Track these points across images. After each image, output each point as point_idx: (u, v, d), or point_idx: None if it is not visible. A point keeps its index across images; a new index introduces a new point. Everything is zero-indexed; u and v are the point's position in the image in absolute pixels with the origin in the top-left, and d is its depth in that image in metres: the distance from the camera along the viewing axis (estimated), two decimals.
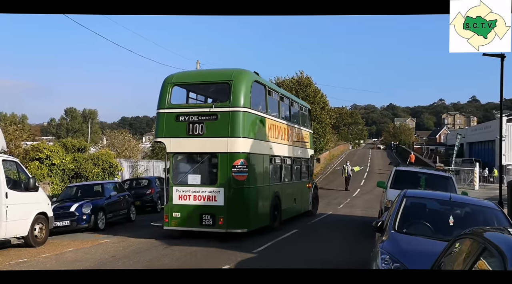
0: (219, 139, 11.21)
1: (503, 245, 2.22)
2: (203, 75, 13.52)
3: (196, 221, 11.32)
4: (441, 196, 7.40)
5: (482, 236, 2.60)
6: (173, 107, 11.76)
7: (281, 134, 13.96)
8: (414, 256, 5.55)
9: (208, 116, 11.42)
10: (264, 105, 12.69)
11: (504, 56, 14.63)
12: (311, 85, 35.55)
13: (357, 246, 10.85)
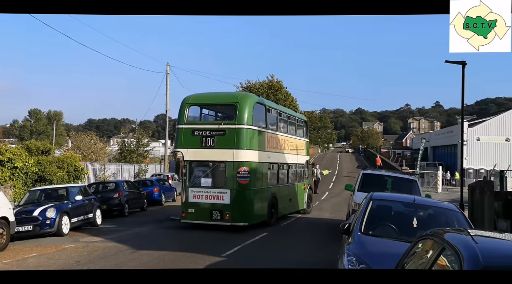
0: (226, 150, 13.61)
1: (460, 245, 2.31)
2: (214, 98, 15.94)
3: (207, 216, 13.64)
4: (406, 199, 7.59)
5: (442, 237, 2.70)
6: (189, 124, 14.35)
7: (279, 144, 16.27)
8: (379, 258, 5.67)
9: (218, 131, 13.88)
10: (264, 121, 15.01)
11: (465, 63, 15.19)
12: (282, 89, 35.80)
13: (325, 247, 10.99)
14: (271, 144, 15.37)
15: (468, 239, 2.46)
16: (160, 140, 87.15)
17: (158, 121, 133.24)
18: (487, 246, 2.53)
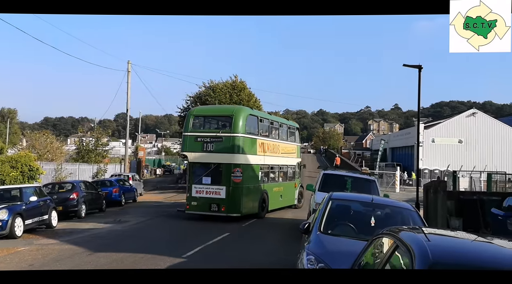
0: (223, 154, 16.22)
1: (412, 243, 2.38)
2: (214, 110, 19.67)
3: (207, 208, 16.25)
4: (364, 199, 7.77)
5: (395, 235, 2.78)
6: (193, 132, 16.91)
7: (270, 148, 18.78)
8: (338, 256, 5.77)
9: (216, 138, 16.50)
10: (256, 129, 17.68)
11: (421, 67, 15.74)
12: (245, 89, 35.74)
13: (285, 247, 11.08)
14: (262, 149, 17.99)
15: (420, 237, 2.54)
16: (121, 139, 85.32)
17: (118, 120, 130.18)
18: (438, 244, 2.62)
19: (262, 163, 17.98)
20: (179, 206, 18.63)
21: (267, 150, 18.42)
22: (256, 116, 17.94)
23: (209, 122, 17.89)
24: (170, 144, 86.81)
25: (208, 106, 20.63)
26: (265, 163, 18.26)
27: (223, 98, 33.51)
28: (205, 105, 33.04)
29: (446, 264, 2.08)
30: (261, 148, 17.80)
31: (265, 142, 18.26)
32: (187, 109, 35.25)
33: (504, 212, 11.75)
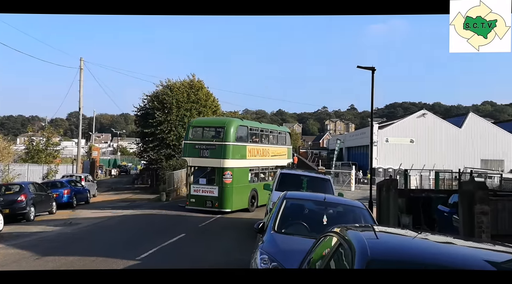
0: (216, 159, 19.03)
1: (354, 240, 2.44)
2: (209, 122, 23.13)
3: (203, 204, 19.08)
4: (317, 197, 7.89)
5: (339, 233, 2.83)
6: (192, 140, 19.94)
7: (260, 153, 21.72)
8: (291, 255, 5.82)
9: (211, 146, 19.43)
10: (246, 138, 20.64)
11: (374, 69, 16.22)
12: (203, 89, 35.48)
13: (243, 246, 11.08)
14: (252, 153, 20.91)
15: (361, 235, 2.60)
16: (74, 139, 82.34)
17: (71, 119, 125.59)
18: (378, 241, 2.70)
19: (252, 166, 20.86)
20: (137, 207, 21.08)
21: (257, 154, 21.48)
22: (246, 126, 21.24)
23: (205, 132, 20.79)
24: (127, 144, 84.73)
25: (205, 118, 25.24)
26: (255, 166, 21.12)
27: (180, 98, 33.12)
28: (163, 104, 32.78)
29: (383, 261, 2.14)
30: (250, 153, 20.79)
31: (254, 148, 21.31)
32: (144, 108, 34.61)
33: (449, 209, 12.29)
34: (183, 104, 33.19)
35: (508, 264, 2.44)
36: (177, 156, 31.57)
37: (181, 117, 33.00)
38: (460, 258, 2.45)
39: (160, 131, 32.50)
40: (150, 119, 32.71)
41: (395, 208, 15.04)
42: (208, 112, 35.21)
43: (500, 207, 9.28)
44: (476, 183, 9.49)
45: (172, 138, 32.62)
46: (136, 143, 38.18)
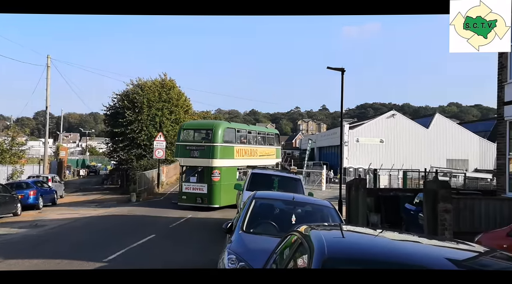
0: (205, 159, 20.62)
1: (314, 239, 2.47)
2: (199, 124, 24.50)
3: (194, 200, 20.49)
4: (286, 197, 7.94)
5: (301, 232, 2.87)
6: (183, 141, 21.77)
7: (248, 153, 23.23)
8: (259, 255, 5.83)
9: (200, 147, 21.16)
10: (234, 139, 22.22)
11: (344, 70, 16.47)
12: (175, 88, 35.17)
13: (213, 247, 11.04)
14: (240, 154, 22.41)
15: (320, 233, 2.64)
16: (41, 138, 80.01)
17: (38, 118, 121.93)
18: (339, 240, 2.75)
19: (240, 165, 21.98)
20: (105, 208, 21.47)
21: (245, 154, 23.03)
22: (234, 128, 23.03)
23: (195, 134, 22.35)
24: (96, 144, 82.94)
25: (195, 121, 27.55)
26: (243, 165, 21.84)
27: (152, 97, 32.72)
28: (133, 103, 32.28)
29: (341, 259, 2.17)
30: (238, 153, 22.34)
31: (242, 148, 22.89)
32: (114, 108, 34.00)
33: (415, 207, 12.61)
34: (155, 104, 32.79)
35: (469, 262, 2.51)
36: (148, 156, 31.16)
37: (152, 117, 32.60)
38: (420, 256, 2.50)
39: (130, 131, 32.00)
40: (120, 119, 32.16)
41: (364, 207, 15.30)
42: (180, 112, 34.92)
43: (462, 206, 9.60)
44: (440, 182, 9.78)
45: (143, 138, 32.17)
46: (105, 143, 37.47)
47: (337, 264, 2.13)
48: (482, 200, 9.84)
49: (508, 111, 11.45)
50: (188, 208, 20.51)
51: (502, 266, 2.52)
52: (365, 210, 15.30)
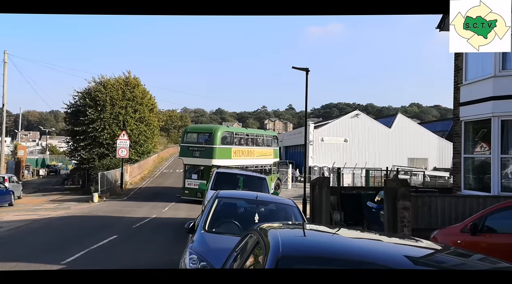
0: (205, 159, 23.30)
1: (270, 238, 2.48)
2: (201, 128, 28.22)
3: (194, 195, 22.67)
4: (249, 196, 7.95)
5: (258, 231, 2.87)
6: (186, 143, 24.80)
7: (244, 153, 26.15)
8: (221, 254, 5.80)
9: (201, 148, 23.83)
10: (231, 141, 25.26)
11: (308, 70, 16.66)
12: (139, 86, 34.56)
13: (177, 247, 10.91)
14: (237, 154, 25.39)
15: (276, 232, 2.65)
16: None
17: None
18: (295, 238, 2.77)
19: (237, 164, 24.02)
20: (66, 208, 21.32)
21: (242, 155, 25.91)
22: (232, 132, 26.33)
23: (197, 137, 25.12)
24: (57, 143, 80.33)
25: (198, 125, 32.08)
26: (240, 164, 24.33)
27: (115, 95, 32.04)
28: (96, 101, 31.50)
29: (293, 257, 2.19)
30: (235, 154, 25.25)
31: (239, 149, 25.81)
32: (75, 105, 33.04)
33: (376, 205, 12.90)
34: (118, 102, 32.10)
35: (425, 259, 2.57)
36: (111, 156, 30.47)
37: (116, 115, 31.91)
38: (375, 253, 2.53)
39: (92, 129, 31.19)
40: (82, 117, 31.29)
41: (327, 205, 15.53)
42: (145, 110, 34.35)
43: (420, 203, 9.90)
44: (399, 181, 10.05)
45: (106, 136, 31.43)
46: (66, 141, 36.37)
47: (291, 262, 2.14)
48: (439, 197, 10.20)
49: (463, 111, 11.91)
50: (147, 209, 20.11)
51: (456, 263, 2.60)
52: (328, 208, 15.54)
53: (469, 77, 11.73)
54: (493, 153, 10.54)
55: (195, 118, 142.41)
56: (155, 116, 37.47)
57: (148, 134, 35.55)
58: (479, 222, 6.68)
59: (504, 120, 10.44)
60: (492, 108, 10.50)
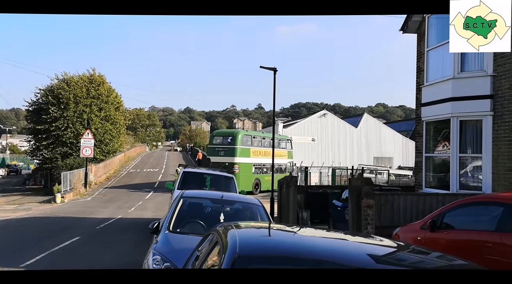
0: (228, 157, 27.67)
1: (229, 238, 2.47)
2: (225, 132, 33.11)
3: None
4: (214, 196, 7.90)
5: (218, 231, 2.85)
6: (213, 145, 29.85)
7: (262, 154, 30.73)
8: (185, 255, 5.74)
9: (225, 149, 28.47)
10: (251, 143, 29.85)
11: (276, 69, 16.75)
12: (105, 84, 33.78)
13: (142, 247, 10.72)
14: (255, 154, 30.06)
15: (234, 232, 2.64)
16: None
17: None
18: (254, 238, 2.77)
19: (255, 162, 29.77)
20: (27, 209, 20.34)
21: (259, 155, 30.49)
22: (250, 135, 31.25)
23: (222, 139, 29.77)
24: (18, 142, 77.48)
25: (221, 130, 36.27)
26: (258, 162, 30.01)
27: (79, 92, 31.20)
28: (59, 99, 30.57)
29: (250, 257, 2.18)
30: (253, 154, 29.92)
31: (257, 150, 30.52)
32: (37, 103, 31.96)
33: (342, 203, 13.11)
34: (82, 100, 31.28)
35: (387, 258, 2.61)
36: (75, 155, 29.65)
37: (80, 113, 31.08)
38: (337, 252, 2.54)
39: (55, 128, 30.26)
40: (44, 115, 30.31)
41: (295, 204, 15.70)
42: (110, 108, 33.62)
43: (383, 201, 10.13)
44: (363, 179, 10.25)
45: (69, 135, 30.56)
46: (28, 140, 35.14)
47: (247, 262, 2.14)
48: (401, 195, 10.47)
49: (424, 112, 12.27)
50: (112, 210, 19.68)
51: (415, 260, 2.67)
52: (295, 207, 15.71)
53: (430, 78, 12.10)
54: (452, 152, 10.92)
55: (163, 117, 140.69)
56: (121, 114, 36.72)
57: (114, 133, 34.81)
58: (438, 219, 6.88)
59: (462, 120, 10.83)
60: (451, 108, 10.86)
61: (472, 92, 10.50)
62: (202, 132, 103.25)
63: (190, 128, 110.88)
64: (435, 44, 11.85)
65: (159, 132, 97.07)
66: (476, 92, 10.44)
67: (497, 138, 10.05)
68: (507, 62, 9.74)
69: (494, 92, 10.18)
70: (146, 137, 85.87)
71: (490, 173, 10.14)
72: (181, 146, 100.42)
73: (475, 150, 10.68)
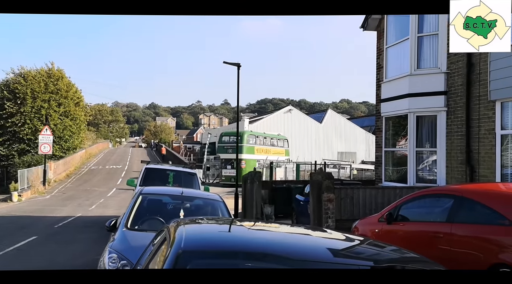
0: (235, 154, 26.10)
1: (176, 234, 2.44)
2: (233, 132, 32.73)
3: (229, 180, 31.68)
4: (174, 192, 7.81)
5: (168, 227, 2.82)
6: (223, 143, 35.38)
7: (264, 151, 35.28)
8: (141, 252, 5.66)
9: (233, 146, 29.47)
10: (254, 142, 34.98)
11: (239, 65, 16.72)
12: (64, 79, 32.71)
13: (98, 246, 10.48)
14: (258, 151, 34.48)
15: (183, 228, 2.60)
16: None
17: None
18: (201, 234, 2.76)
19: (258, 158, 33.55)
20: None
21: (262, 152, 34.97)
22: (254, 135, 35.77)
23: (230, 138, 33.82)
24: None
25: (229, 130, 39.34)
26: (261, 158, 33.52)
27: (36, 87, 30.07)
28: (15, 94, 29.38)
29: (194, 252, 2.16)
30: (257, 151, 34.43)
31: (260, 148, 35.19)
32: None
33: (304, 198, 13.28)
34: (40, 95, 30.18)
35: (345, 252, 2.64)
36: (33, 152, 28.62)
37: (38, 109, 29.99)
38: (282, 246, 2.54)
39: (11, 124, 29.10)
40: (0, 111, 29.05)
41: (259, 199, 15.76)
42: (70, 104, 32.62)
43: (343, 195, 10.33)
44: (324, 174, 10.42)
45: (27, 131, 29.45)
46: None
47: (192, 257, 2.12)
48: (361, 189, 10.70)
49: (384, 108, 12.58)
50: (72, 208, 19.16)
51: (371, 253, 2.73)
52: (260, 202, 15.78)
53: (389, 75, 12.41)
54: (409, 147, 11.26)
55: (127, 112, 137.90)
56: (81, 110, 35.69)
57: (73, 129, 33.80)
58: (394, 211, 7.07)
59: (419, 116, 11.17)
60: (408, 104, 11.19)
61: (428, 89, 10.85)
62: (167, 128, 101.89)
63: (155, 124, 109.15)
64: (394, 41, 12.15)
65: (123, 128, 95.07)
66: (431, 88, 10.79)
67: (450, 133, 10.44)
68: (460, 59, 10.12)
69: (447, 89, 10.56)
70: (109, 133, 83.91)
71: (444, 167, 10.53)
72: (145, 142, 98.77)
73: (431, 144, 11.06)
